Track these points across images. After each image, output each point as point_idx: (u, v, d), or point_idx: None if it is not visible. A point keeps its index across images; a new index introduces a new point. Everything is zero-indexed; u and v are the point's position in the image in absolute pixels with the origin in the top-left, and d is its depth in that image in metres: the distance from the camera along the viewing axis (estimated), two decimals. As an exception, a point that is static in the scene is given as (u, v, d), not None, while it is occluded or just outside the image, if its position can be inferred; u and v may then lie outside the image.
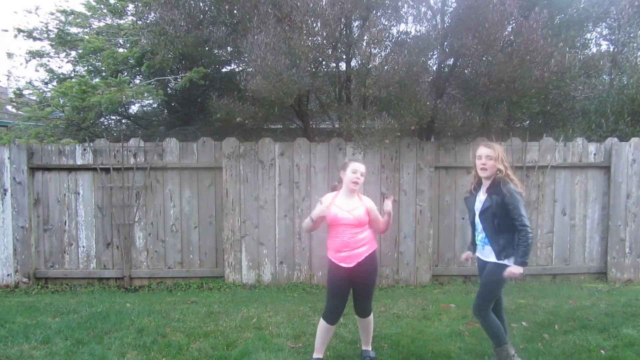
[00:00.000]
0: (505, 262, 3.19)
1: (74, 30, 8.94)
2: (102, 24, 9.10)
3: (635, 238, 6.35)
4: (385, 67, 5.47)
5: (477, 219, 3.38)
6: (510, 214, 3.15)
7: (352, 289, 3.47)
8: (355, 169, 3.45)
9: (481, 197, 3.37)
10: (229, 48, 6.87)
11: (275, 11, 5.69)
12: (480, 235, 3.38)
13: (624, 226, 6.34)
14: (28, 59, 9.09)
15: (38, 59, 9.06)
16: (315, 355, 3.51)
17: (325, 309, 3.47)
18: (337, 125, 6.89)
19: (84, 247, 6.24)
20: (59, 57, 9.14)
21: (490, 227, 3.26)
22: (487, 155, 3.30)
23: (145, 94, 7.55)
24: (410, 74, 5.50)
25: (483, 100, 6.49)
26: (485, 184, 3.37)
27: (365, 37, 5.67)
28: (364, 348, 3.69)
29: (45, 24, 8.89)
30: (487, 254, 3.34)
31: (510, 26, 5.91)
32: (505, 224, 3.19)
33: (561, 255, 6.43)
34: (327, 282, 3.50)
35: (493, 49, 5.63)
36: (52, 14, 8.96)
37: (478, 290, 3.35)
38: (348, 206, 3.43)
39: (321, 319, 3.48)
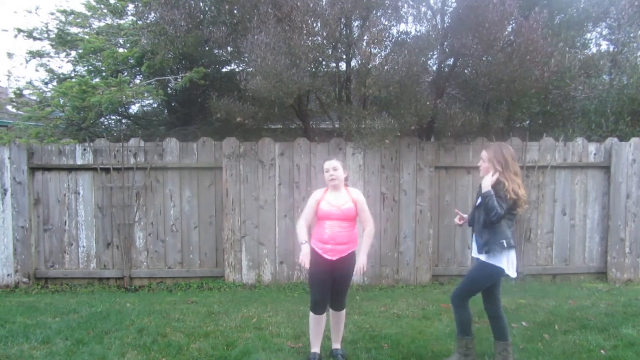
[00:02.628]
0: (489, 259, 3.27)
1: (74, 30, 8.94)
2: (102, 24, 9.10)
3: (635, 238, 6.35)
4: (385, 67, 5.47)
5: (475, 212, 3.47)
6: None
7: (332, 283, 3.57)
8: (326, 168, 3.57)
9: (481, 192, 3.41)
10: (229, 48, 6.86)
11: (275, 11, 5.69)
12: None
13: (624, 226, 6.34)
14: (28, 59, 9.09)
15: (38, 59, 9.06)
16: (312, 350, 3.60)
17: (310, 300, 3.57)
18: (337, 125, 6.89)
19: (84, 247, 6.24)
20: (59, 57, 9.14)
21: (478, 221, 3.36)
22: (481, 157, 3.44)
23: (145, 94, 7.55)
24: (410, 74, 5.50)
25: (483, 100, 6.48)
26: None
27: (365, 37, 5.66)
28: (334, 347, 3.69)
29: (45, 24, 8.89)
30: (476, 251, 3.41)
31: (510, 26, 5.91)
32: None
33: (561, 255, 6.43)
34: (309, 273, 3.57)
35: (493, 49, 5.63)
36: (52, 14, 8.97)
37: (461, 280, 3.47)
38: (337, 201, 3.54)
39: (309, 312, 3.58)
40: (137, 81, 8.43)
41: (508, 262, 3.27)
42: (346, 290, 3.66)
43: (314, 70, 6.24)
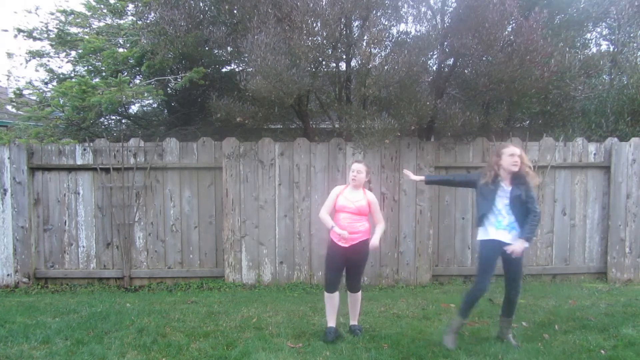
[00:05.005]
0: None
1: (74, 30, 8.93)
2: (102, 24, 9.09)
3: (635, 238, 6.35)
4: (385, 67, 5.47)
5: (504, 206, 3.78)
6: (530, 200, 3.73)
7: (346, 268, 4.12)
8: (353, 169, 4.13)
9: (505, 188, 3.80)
10: (229, 48, 6.86)
11: (275, 11, 5.69)
12: (507, 220, 3.77)
13: (624, 226, 6.34)
14: (28, 59, 9.08)
15: (38, 59, 9.05)
16: (328, 325, 4.12)
17: (325, 282, 4.17)
18: (337, 125, 6.89)
19: (84, 247, 6.24)
20: (59, 57, 9.13)
21: (520, 212, 3.74)
22: (519, 155, 3.80)
23: (145, 94, 7.53)
24: (410, 74, 5.50)
25: (483, 100, 6.49)
26: (506, 177, 3.81)
27: (365, 37, 5.66)
28: (351, 323, 4.24)
29: (45, 24, 8.88)
30: (513, 238, 3.75)
31: (510, 26, 5.91)
32: (526, 210, 3.73)
33: (561, 255, 6.43)
34: (326, 257, 4.17)
35: (493, 49, 5.63)
36: (52, 14, 8.95)
37: (516, 276, 3.84)
38: (353, 198, 4.07)
39: (324, 291, 4.14)
40: (137, 81, 8.42)
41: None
42: (360, 274, 4.20)
43: (314, 70, 6.24)
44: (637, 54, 7.61)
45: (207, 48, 7.31)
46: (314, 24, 5.55)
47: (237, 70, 8.06)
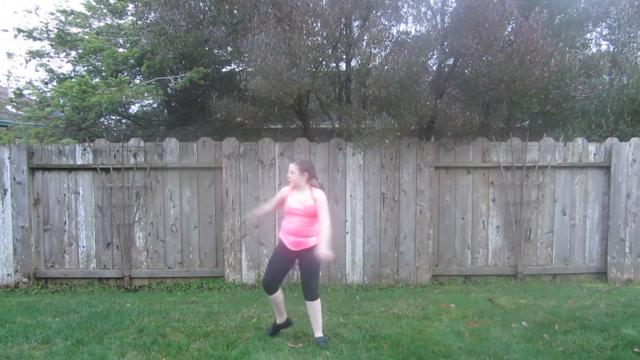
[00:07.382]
0: None
1: (74, 30, 8.93)
2: (102, 24, 9.09)
3: (635, 238, 6.35)
4: (385, 67, 5.47)
5: None
6: None
7: (300, 273, 4.02)
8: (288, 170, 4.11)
9: None
10: (229, 48, 6.86)
11: (275, 11, 5.69)
12: None
13: (624, 226, 6.34)
14: (28, 59, 9.07)
15: (38, 59, 9.05)
16: (277, 322, 4.14)
17: (262, 285, 4.02)
18: (337, 125, 6.89)
19: (84, 247, 6.24)
20: (59, 57, 9.13)
21: None
22: None
23: (145, 94, 7.54)
24: (410, 74, 5.50)
25: (483, 100, 6.49)
26: None
27: (365, 37, 5.66)
28: (316, 336, 3.96)
29: (45, 24, 8.88)
30: None
31: (510, 26, 5.91)
32: None
33: (561, 255, 6.43)
34: (272, 256, 4.09)
35: (493, 49, 5.63)
36: (52, 14, 8.95)
37: None
38: (301, 198, 3.97)
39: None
40: (137, 81, 8.42)
41: None
42: (312, 280, 3.95)
43: (314, 70, 6.24)
44: (637, 54, 7.61)
45: (207, 48, 7.31)
46: (314, 24, 5.55)
47: (237, 70, 8.06)
